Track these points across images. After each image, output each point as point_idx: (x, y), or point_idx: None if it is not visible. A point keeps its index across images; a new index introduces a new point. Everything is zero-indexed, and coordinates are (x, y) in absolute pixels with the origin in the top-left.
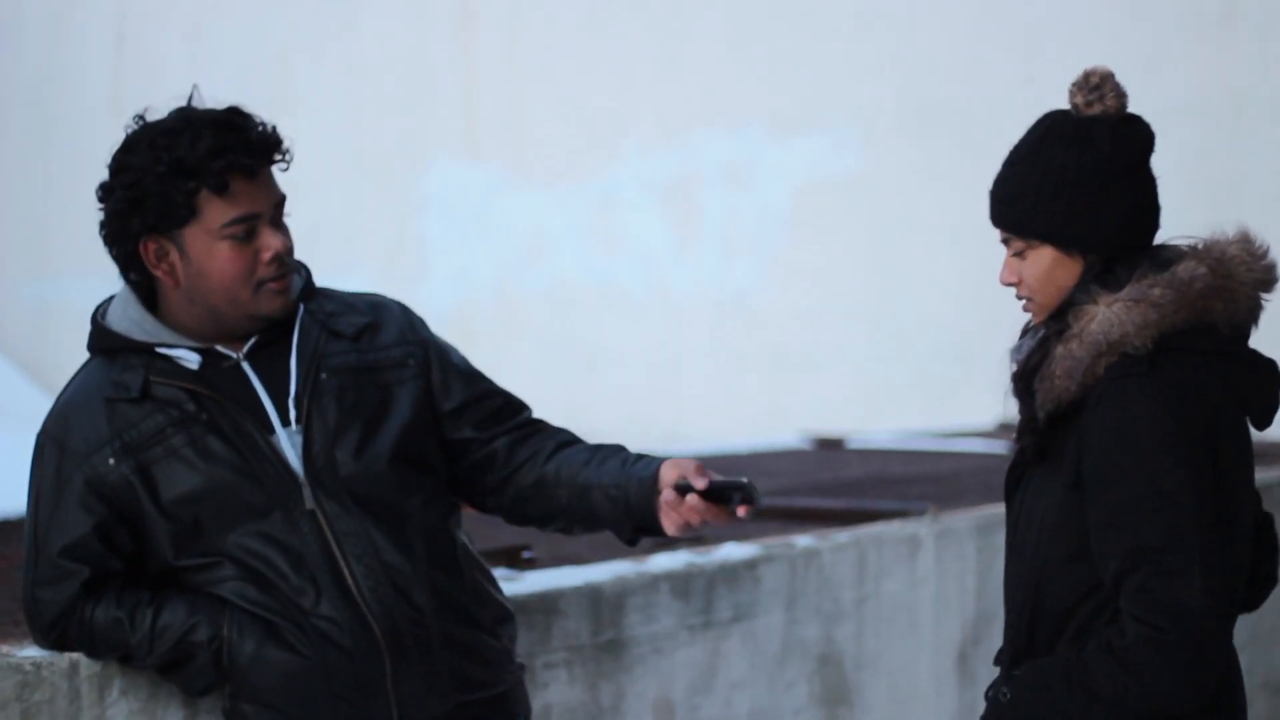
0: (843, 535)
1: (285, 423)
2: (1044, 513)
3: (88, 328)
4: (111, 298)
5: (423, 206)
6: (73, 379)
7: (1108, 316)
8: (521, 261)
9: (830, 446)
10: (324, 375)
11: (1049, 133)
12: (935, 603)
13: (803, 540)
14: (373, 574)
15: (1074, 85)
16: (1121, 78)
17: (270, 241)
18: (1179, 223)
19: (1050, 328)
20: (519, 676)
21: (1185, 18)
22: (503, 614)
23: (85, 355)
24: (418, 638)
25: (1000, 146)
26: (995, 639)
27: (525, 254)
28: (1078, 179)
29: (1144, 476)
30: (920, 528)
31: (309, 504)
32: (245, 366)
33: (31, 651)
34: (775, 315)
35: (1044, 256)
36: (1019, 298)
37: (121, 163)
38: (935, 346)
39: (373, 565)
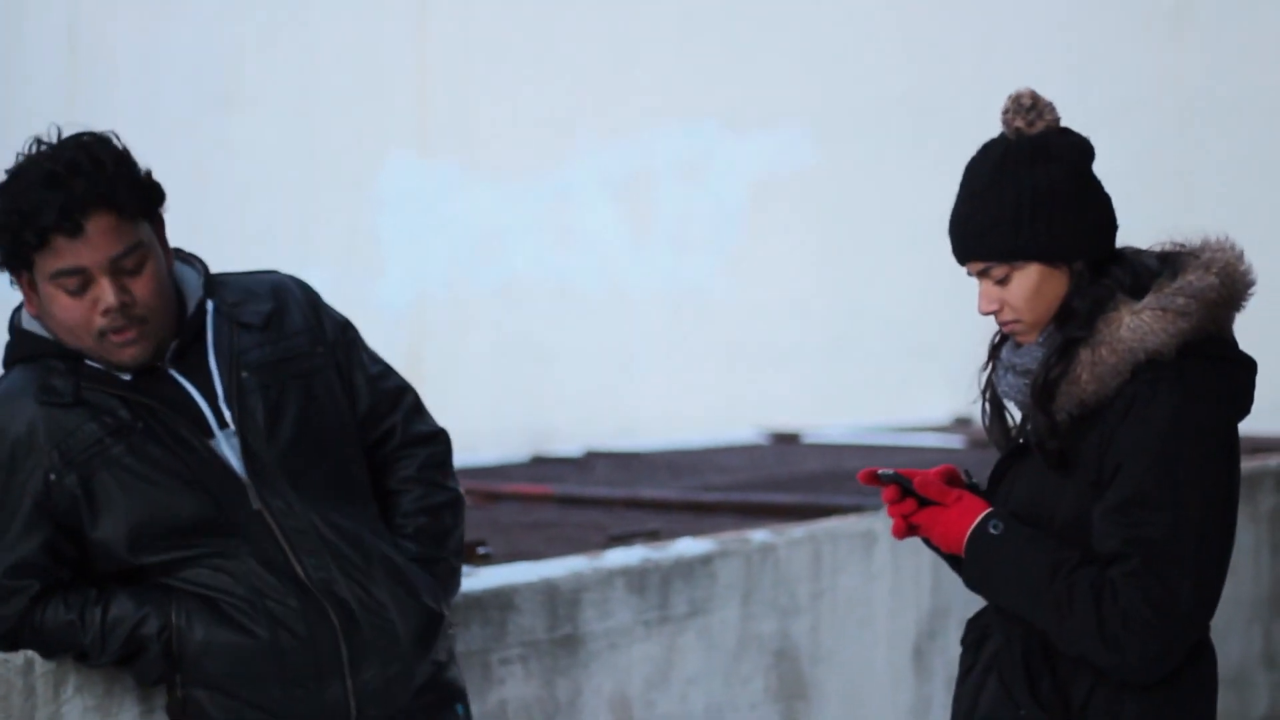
0: (798, 530)
1: (222, 424)
2: (1061, 512)
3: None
4: (21, 307)
5: (377, 203)
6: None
7: (1138, 325)
8: (476, 258)
9: (786, 441)
10: (245, 374)
11: (1006, 158)
12: (891, 597)
13: (758, 535)
14: (325, 567)
15: (1009, 112)
16: (1074, 74)
17: (103, 294)
18: (1132, 220)
19: (1063, 335)
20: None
21: (1137, 14)
22: (447, 566)
23: None
24: (377, 627)
25: (955, 142)
26: (951, 633)
27: (479, 250)
28: (1052, 193)
29: (1159, 473)
30: (875, 522)
31: (255, 504)
32: (174, 373)
33: None
34: (730, 310)
35: (1030, 276)
36: (1002, 323)
37: None
38: (891, 341)
39: (324, 559)
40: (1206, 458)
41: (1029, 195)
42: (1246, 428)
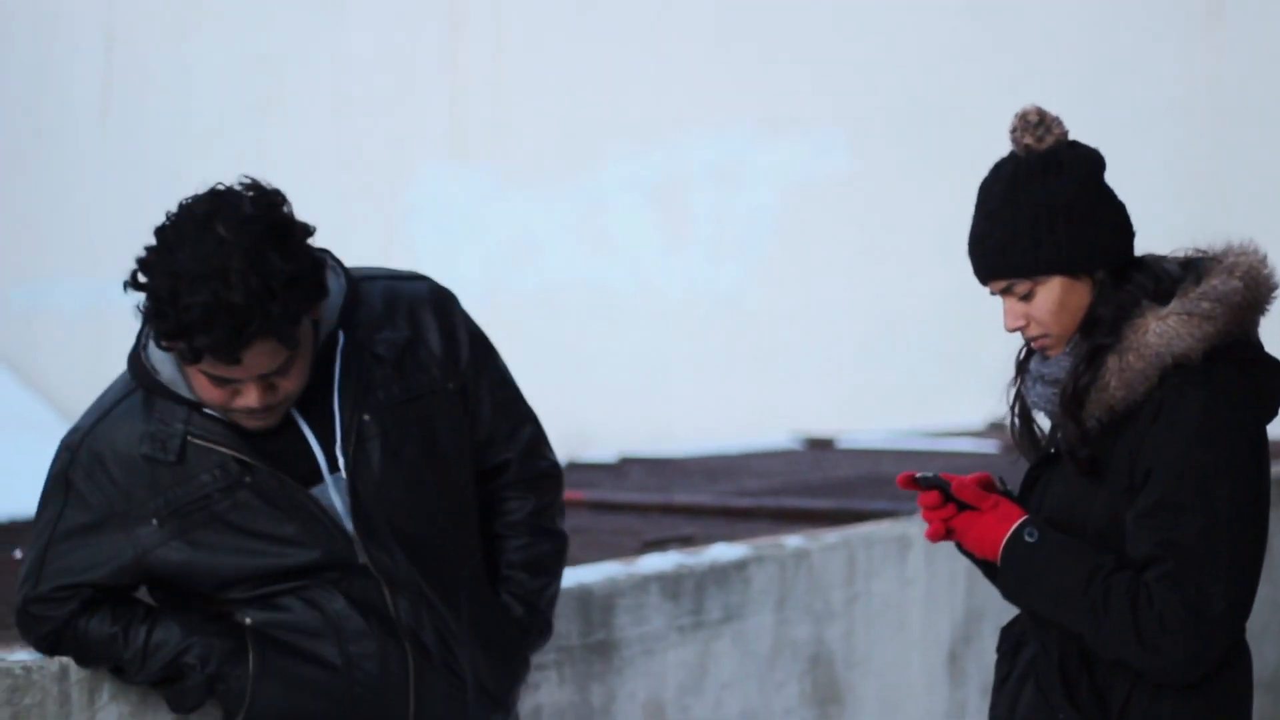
0: (832, 535)
1: (333, 469)
2: (1094, 519)
3: (75, 330)
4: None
5: (411, 209)
6: (111, 405)
7: (1165, 330)
8: (510, 264)
9: (820, 446)
10: (366, 417)
11: (1018, 175)
12: (925, 602)
13: (792, 540)
14: (418, 614)
15: (1017, 129)
16: (1108, 77)
17: (246, 396)
18: (1166, 221)
19: (1091, 343)
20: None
21: (1172, 17)
22: (537, 627)
23: (73, 359)
24: (451, 684)
25: (988, 147)
26: (985, 638)
27: (514, 256)
28: (1068, 205)
29: (1193, 477)
30: (910, 527)
31: (361, 558)
32: (293, 412)
33: (22, 655)
34: (764, 316)
35: (1053, 289)
36: (1029, 338)
37: (144, 265)
38: (924, 346)
39: (419, 608)
40: (1236, 461)
41: (1044, 209)
42: (1275, 431)
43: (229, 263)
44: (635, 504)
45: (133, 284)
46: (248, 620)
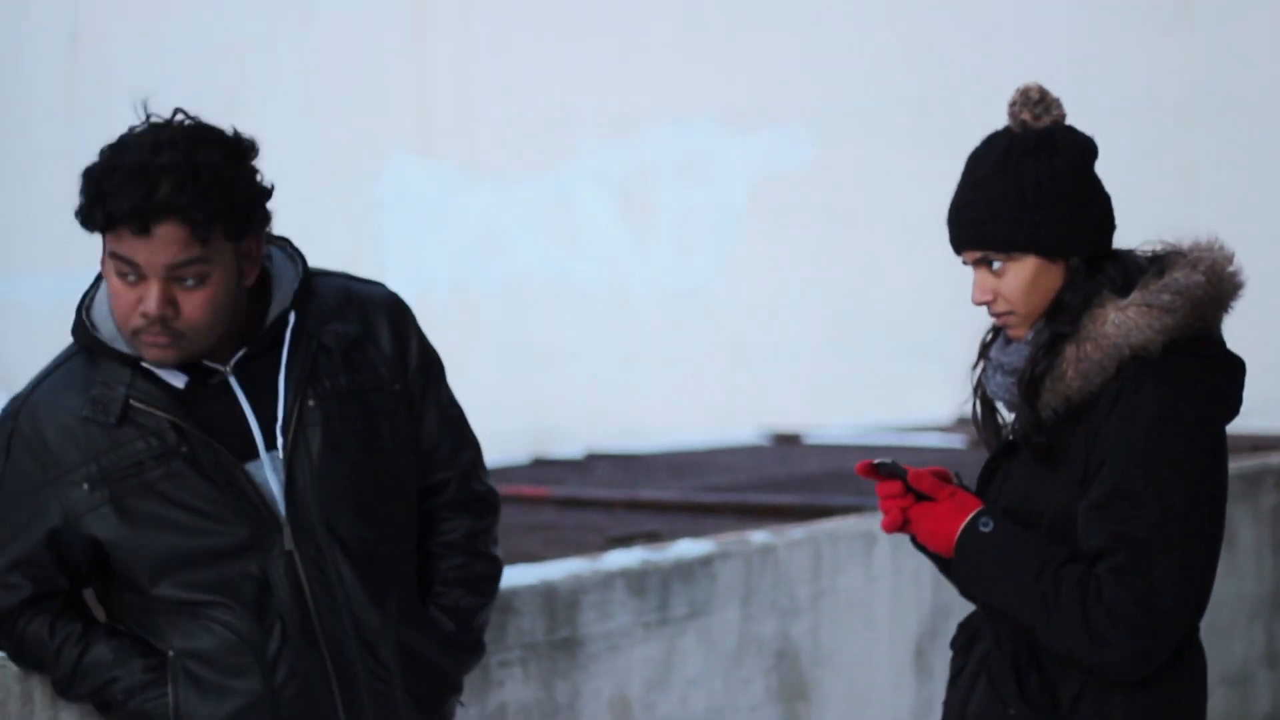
0: (798, 531)
1: (270, 445)
2: (1050, 510)
3: (41, 326)
4: (98, 280)
5: (378, 204)
6: (53, 368)
7: (1123, 321)
8: (477, 258)
9: (787, 442)
10: (311, 402)
11: (1012, 148)
12: (891, 598)
13: (758, 536)
14: (341, 626)
15: (1017, 104)
16: (1076, 73)
17: (146, 297)
18: (1135, 218)
19: (1050, 330)
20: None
21: (1140, 14)
22: (468, 646)
23: (40, 355)
24: (379, 695)
25: (955, 141)
26: (952, 634)
27: (481, 251)
28: (1055, 186)
29: (1144, 468)
30: (876, 523)
31: (287, 545)
32: (233, 382)
33: None
34: (732, 310)
35: (1026, 268)
36: (995, 314)
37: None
38: (892, 340)
39: (343, 617)
40: (1191, 454)
41: (1031, 187)
42: (1246, 425)
43: (163, 140)
44: (601, 500)
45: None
46: (170, 653)
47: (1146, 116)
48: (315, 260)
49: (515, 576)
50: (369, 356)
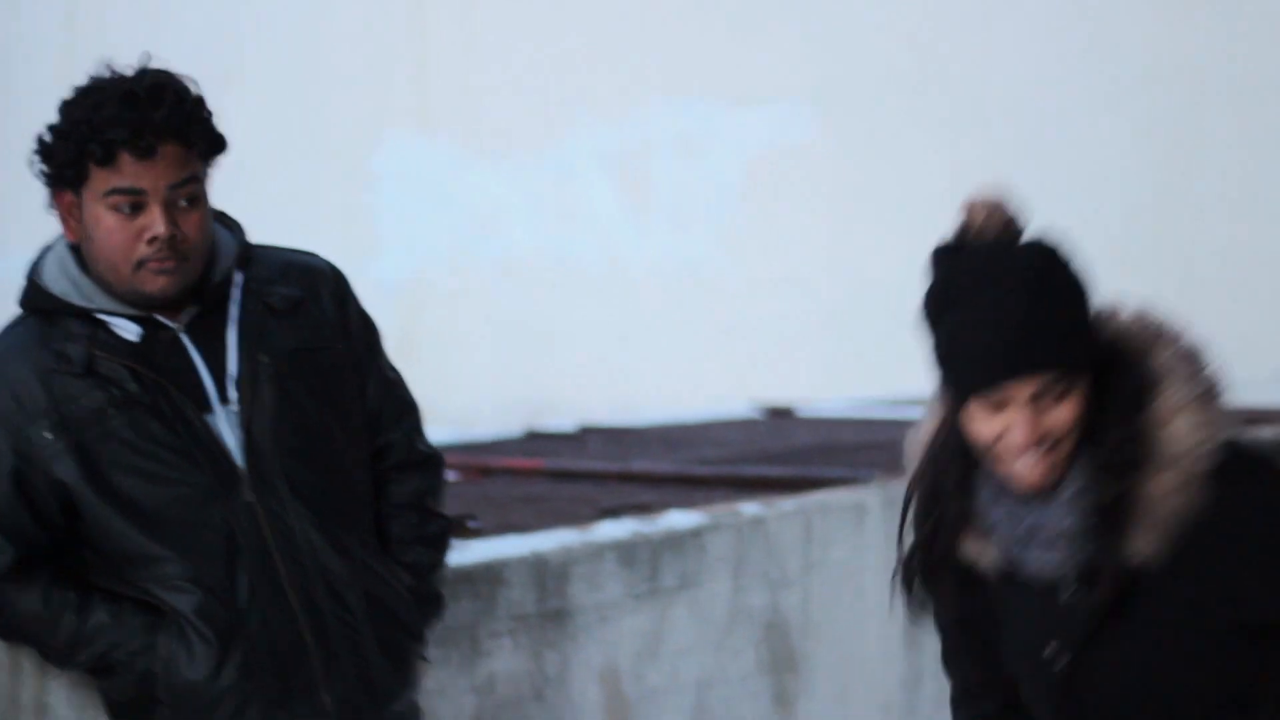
0: (789, 503)
1: (224, 400)
2: (1180, 664)
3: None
4: (45, 252)
5: (376, 181)
6: (4, 335)
7: (1192, 424)
8: (473, 235)
9: (780, 415)
10: (264, 358)
11: (1033, 256)
12: (881, 569)
13: (749, 508)
14: (307, 575)
15: (981, 222)
16: (1079, 47)
17: (153, 222)
18: (1136, 195)
19: (1108, 458)
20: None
21: None
22: (429, 599)
23: None
24: (350, 641)
25: (956, 115)
26: None
27: (478, 227)
28: (1083, 298)
29: None
30: (867, 495)
31: (248, 496)
32: (185, 340)
33: None
34: (730, 286)
35: (1080, 391)
36: (1039, 460)
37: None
38: (889, 315)
39: (308, 566)
40: None
41: (1073, 299)
42: (1241, 398)
43: (131, 74)
44: (593, 472)
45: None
46: (164, 609)
47: (1146, 94)
48: (310, 235)
49: (506, 548)
50: (314, 317)
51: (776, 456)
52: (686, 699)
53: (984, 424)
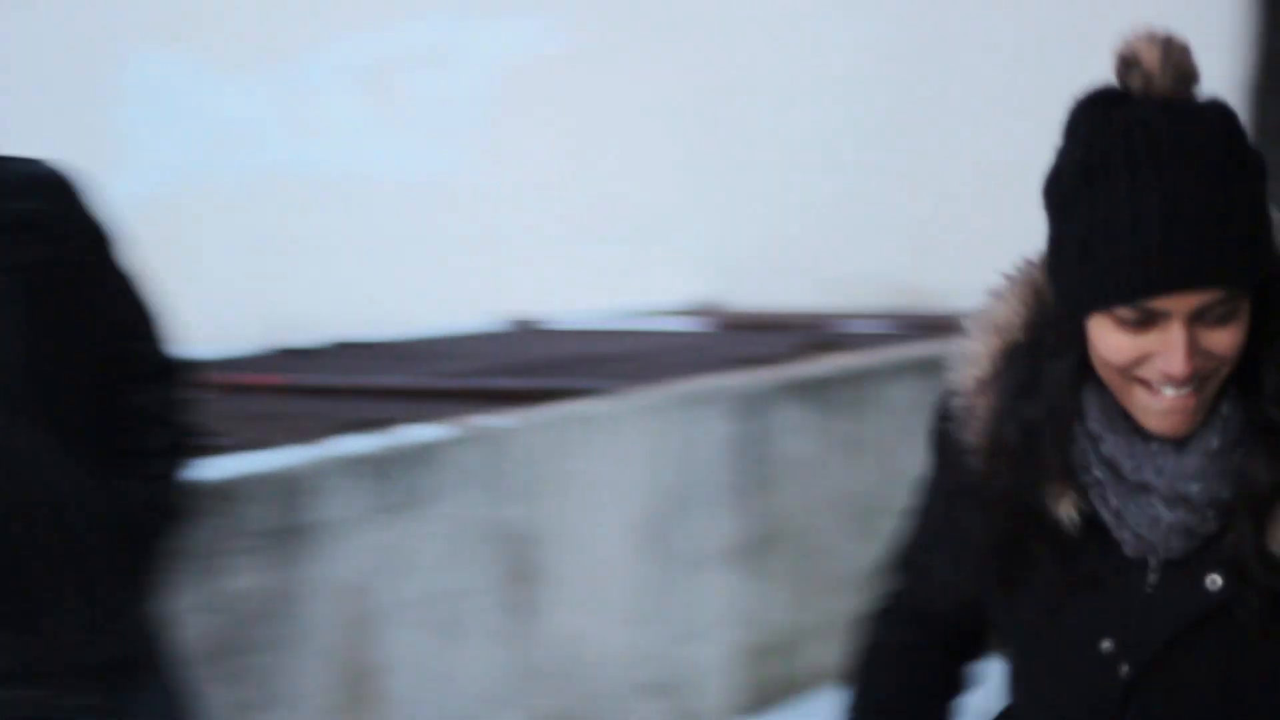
0: (533, 414)
1: None
2: None
3: None
4: None
5: (120, 96)
6: None
7: None
8: (223, 150)
9: (528, 327)
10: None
11: (1237, 134)
12: (625, 479)
13: (492, 420)
14: (29, 490)
15: (1154, 65)
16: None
17: None
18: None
19: (1258, 414)
20: None
21: None
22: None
23: None
24: (76, 559)
25: (711, 30)
26: (689, 515)
27: (227, 143)
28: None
29: None
30: (611, 405)
31: None
32: None
33: None
34: (478, 199)
35: (1244, 314)
36: (1189, 395)
37: None
38: (637, 228)
39: (31, 481)
40: None
41: (1262, 180)
42: None
43: None
44: (337, 387)
45: None
46: None
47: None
48: (51, 150)
49: (244, 464)
50: (33, 231)
51: (522, 369)
52: (430, 613)
53: (1122, 341)
